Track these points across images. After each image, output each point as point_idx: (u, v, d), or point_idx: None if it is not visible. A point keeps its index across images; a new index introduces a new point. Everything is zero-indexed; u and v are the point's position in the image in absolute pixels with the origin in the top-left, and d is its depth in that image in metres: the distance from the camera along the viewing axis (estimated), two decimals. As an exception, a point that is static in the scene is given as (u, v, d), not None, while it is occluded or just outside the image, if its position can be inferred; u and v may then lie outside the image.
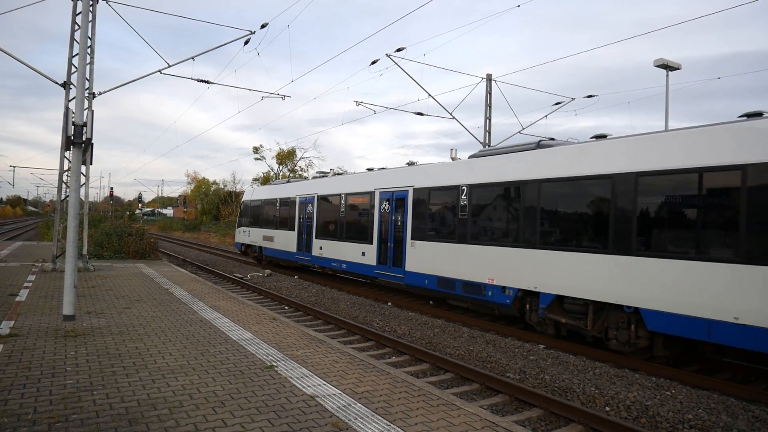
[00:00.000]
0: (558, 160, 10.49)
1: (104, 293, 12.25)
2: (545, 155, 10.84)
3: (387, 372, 6.97)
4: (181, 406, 5.28)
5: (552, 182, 10.50)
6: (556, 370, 8.58)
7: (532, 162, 11.02)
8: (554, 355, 9.45)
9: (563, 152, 10.52)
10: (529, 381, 8.22)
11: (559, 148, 10.73)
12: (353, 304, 14.56)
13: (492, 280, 11.61)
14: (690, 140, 8.29)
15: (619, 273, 9.02)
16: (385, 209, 15.60)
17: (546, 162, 10.73)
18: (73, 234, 8.92)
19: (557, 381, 8.05)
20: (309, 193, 20.54)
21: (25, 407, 5.08)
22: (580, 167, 9.98)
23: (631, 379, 8.10)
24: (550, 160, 10.66)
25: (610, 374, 8.34)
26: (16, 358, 6.75)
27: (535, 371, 8.51)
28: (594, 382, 7.96)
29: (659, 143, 8.72)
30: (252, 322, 9.74)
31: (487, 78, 22.54)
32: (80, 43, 10.52)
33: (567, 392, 7.69)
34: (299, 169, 57.21)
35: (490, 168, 12.19)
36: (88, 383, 5.87)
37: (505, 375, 8.52)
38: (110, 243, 22.09)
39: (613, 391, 7.49)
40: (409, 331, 11.38)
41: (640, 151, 8.94)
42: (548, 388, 7.88)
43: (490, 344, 10.25)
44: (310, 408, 5.41)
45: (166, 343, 7.83)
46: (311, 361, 7.29)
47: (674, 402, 7.13)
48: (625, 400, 7.21)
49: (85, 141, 9.04)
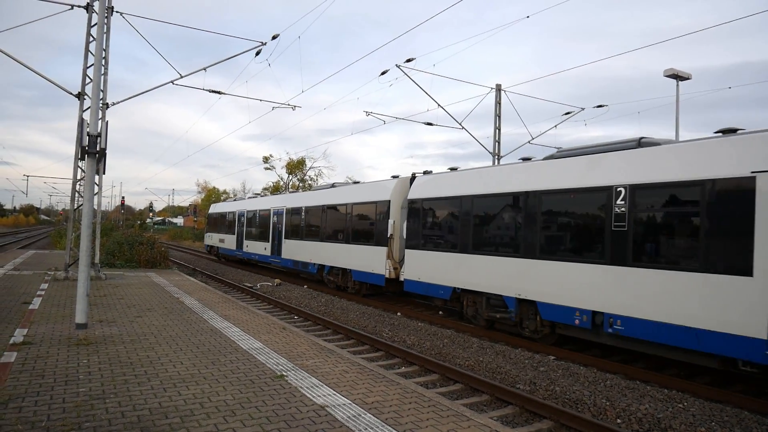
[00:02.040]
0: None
1: (116, 302, 12.35)
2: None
3: (397, 382, 6.96)
4: (192, 415, 5.31)
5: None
6: (567, 381, 8.52)
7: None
8: (564, 366, 9.39)
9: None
10: (539, 392, 8.18)
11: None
12: (362, 313, 14.56)
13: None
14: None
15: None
16: (276, 220, 24.45)
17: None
18: (86, 243, 9.02)
19: (568, 392, 8.00)
20: (242, 209, 29.39)
21: (38, 415, 5.13)
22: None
23: (643, 391, 8.03)
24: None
25: (621, 386, 8.28)
26: (30, 365, 6.82)
27: (545, 382, 8.46)
28: (605, 393, 7.90)
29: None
30: (262, 332, 9.77)
31: (497, 88, 22.60)
32: (95, 54, 10.71)
33: (577, 404, 7.64)
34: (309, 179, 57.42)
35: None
36: (101, 391, 5.92)
37: (515, 386, 8.47)
38: (122, 252, 22.28)
39: (624, 403, 7.44)
40: (419, 341, 11.36)
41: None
42: (558, 400, 7.83)
43: (499, 355, 10.21)
44: (320, 418, 5.43)
45: (177, 352, 7.87)
46: (321, 370, 7.31)
47: (686, 415, 7.06)
48: (636, 413, 7.15)
49: (99, 151, 9.16)
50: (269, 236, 24.88)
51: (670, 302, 8.42)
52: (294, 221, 22.43)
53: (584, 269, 9.84)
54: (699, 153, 8.40)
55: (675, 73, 18.33)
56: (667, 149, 8.98)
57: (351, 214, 18.10)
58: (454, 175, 13.93)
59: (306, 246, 21.09)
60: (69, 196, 17.45)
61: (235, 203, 31.80)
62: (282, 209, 23.74)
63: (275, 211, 24.57)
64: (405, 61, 18.46)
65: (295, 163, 57.20)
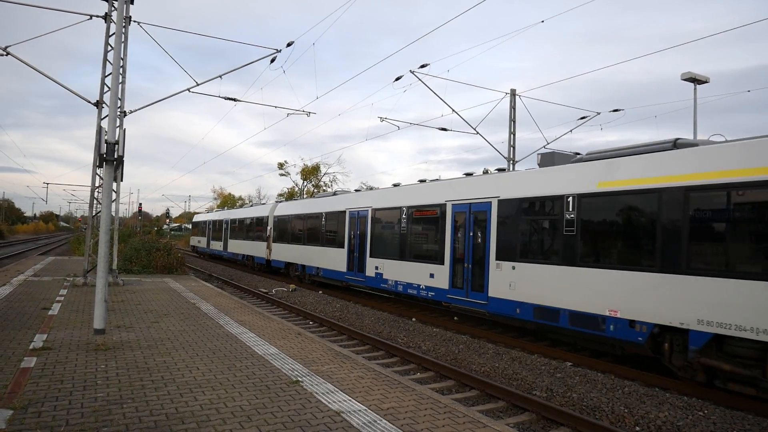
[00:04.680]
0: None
1: (133, 307, 12.47)
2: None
3: (412, 388, 6.94)
4: (208, 421, 5.34)
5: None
6: (584, 388, 8.43)
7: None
8: (582, 372, 9.28)
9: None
10: (556, 399, 8.09)
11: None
12: (377, 319, 14.54)
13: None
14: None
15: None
16: (226, 227, 36.26)
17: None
18: (104, 249, 9.13)
19: (585, 399, 7.90)
20: (208, 219, 42.38)
21: (57, 419, 5.19)
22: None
23: (662, 399, 7.91)
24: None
25: (640, 393, 8.16)
26: (49, 370, 6.90)
27: (562, 389, 8.37)
28: (623, 400, 7.79)
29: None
30: (277, 337, 9.80)
31: (512, 93, 22.52)
32: (113, 63, 10.86)
33: (595, 411, 7.55)
34: (323, 185, 57.63)
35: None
36: (118, 396, 5.97)
37: (531, 393, 8.39)
38: (139, 258, 22.50)
39: (643, 411, 7.33)
40: (434, 347, 11.31)
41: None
42: (576, 407, 7.74)
43: (516, 361, 10.12)
44: (335, 424, 5.42)
45: (194, 358, 7.92)
46: (336, 376, 7.30)
47: (707, 423, 6.93)
48: (655, 420, 7.04)
49: (116, 158, 9.27)
50: (222, 237, 36.47)
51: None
52: (235, 227, 33.91)
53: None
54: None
55: (693, 77, 18.14)
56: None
57: (253, 223, 30.26)
58: (293, 202, 26.95)
59: (238, 243, 32.87)
60: (87, 203, 17.69)
61: (205, 215, 46.21)
62: (228, 219, 35.69)
63: (225, 221, 36.43)
64: (419, 66, 18.50)
65: (309, 169, 57.46)
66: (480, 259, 12.66)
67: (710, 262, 8.20)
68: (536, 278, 11.04)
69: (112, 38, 15.69)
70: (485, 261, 12.43)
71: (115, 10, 15.55)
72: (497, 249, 12.10)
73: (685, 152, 8.81)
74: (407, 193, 16.05)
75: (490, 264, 12.25)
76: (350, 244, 18.77)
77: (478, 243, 12.76)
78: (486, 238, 12.45)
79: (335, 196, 21.75)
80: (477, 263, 12.77)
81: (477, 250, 12.79)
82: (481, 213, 12.71)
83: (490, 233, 12.32)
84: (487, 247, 12.37)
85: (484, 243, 12.51)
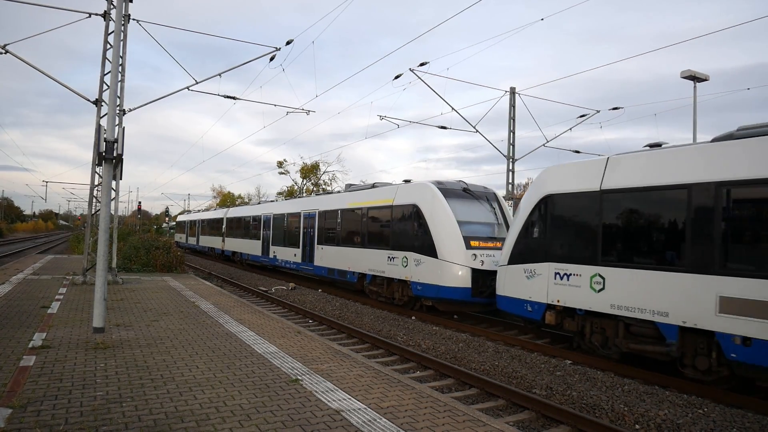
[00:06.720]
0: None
1: (132, 306, 12.47)
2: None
3: (412, 387, 6.93)
4: (207, 419, 5.33)
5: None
6: (584, 386, 8.43)
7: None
8: (581, 371, 9.29)
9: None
10: (555, 397, 8.09)
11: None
12: (377, 317, 14.54)
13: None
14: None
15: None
16: (199, 226, 44.57)
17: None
18: (103, 248, 9.12)
19: (585, 397, 7.90)
20: (187, 219, 50.43)
21: (56, 418, 5.18)
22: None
23: (662, 397, 7.91)
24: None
25: (640, 391, 8.16)
26: (48, 369, 6.90)
27: (561, 387, 8.37)
28: (623, 398, 7.80)
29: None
30: (277, 336, 9.80)
31: (511, 91, 22.51)
32: (112, 61, 10.83)
33: (595, 409, 7.54)
34: (323, 183, 57.63)
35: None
36: (118, 395, 5.96)
37: (531, 391, 8.39)
38: (138, 256, 22.49)
39: (642, 409, 7.33)
40: (434, 345, 11.31)
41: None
42: (575, 405, 7.74)
43: (515, 359, 10.12)
44: (335, 422, 5.41)
45: (193, 356, 7.92)
46: (336, 375, 7.30)
47: (707, 421, 6.94)
48: (655, 418, 7.04)
49: (116, 157, 9.26)
50: (197, 234, 44.01)
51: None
52: (211, 225, 40.01)
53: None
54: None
55: (692, 75, 18.14)
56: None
57: (214, 223, 38.78)
58: (238, 208, 35.40)
59: (205, 238, 40.74)
60: (87, 201, 17.67)
61: (184, 216, 54.58)
62: (199, 220, 44.30)
63: (199, 221, 43.89)
64: (418, 65, 18.49)
65: (309, 167, 57.50)
66: (312, 243, 20.90)
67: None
68: (330, 254, 19.35)
69: (111, 36, 15.68)
70: (314, 245, 20.68)
71: (114, 8, 15.53)
72: (318, 238, 20.35)
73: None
74: (284, 205, 25.49)
75: (315, 247, 20.52)
76: (263, 239, 27.21)
77: (312, 235, 20.95)
78: (315, 232, 20.60)
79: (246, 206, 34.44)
80: (311, 246, 20.99)
81: (311, 239, 21.00)
82: (312, 218, 20.95)
83: (316, 229, 20.52)
84: (315, 237, 20.59)
85: (314, 235, 20.67)
